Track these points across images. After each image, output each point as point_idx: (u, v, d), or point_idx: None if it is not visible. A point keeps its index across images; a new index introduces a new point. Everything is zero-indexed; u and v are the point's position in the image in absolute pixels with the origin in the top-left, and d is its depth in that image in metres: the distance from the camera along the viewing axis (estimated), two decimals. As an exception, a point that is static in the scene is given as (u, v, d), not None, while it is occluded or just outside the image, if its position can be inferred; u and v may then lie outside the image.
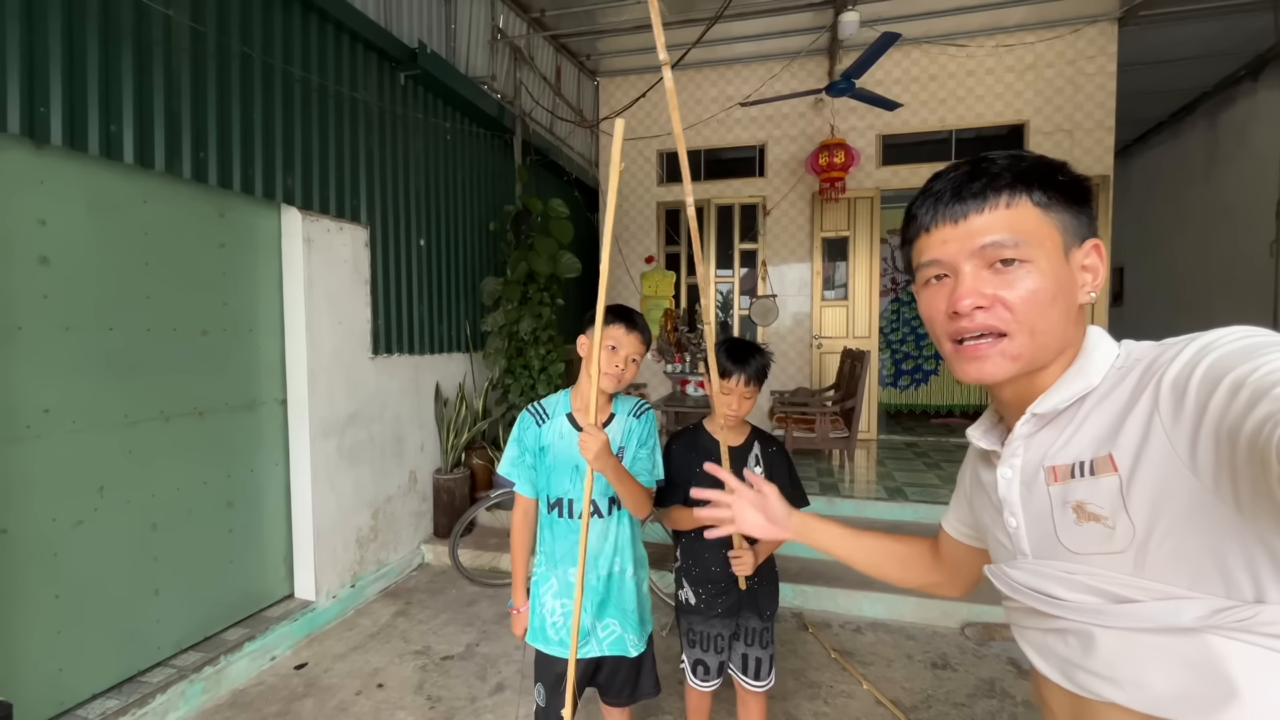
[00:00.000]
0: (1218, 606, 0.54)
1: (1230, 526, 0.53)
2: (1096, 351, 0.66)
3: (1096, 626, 0.62)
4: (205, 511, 2.70)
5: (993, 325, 0.66)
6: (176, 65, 2.45)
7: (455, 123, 4.37)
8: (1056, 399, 0.66)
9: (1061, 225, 0.66)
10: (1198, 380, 0.54)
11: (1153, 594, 0.57)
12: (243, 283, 2.88)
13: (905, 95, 5.67)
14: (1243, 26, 5.08)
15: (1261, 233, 4.87)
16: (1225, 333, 0.56)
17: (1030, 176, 0.65)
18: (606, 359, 1.51)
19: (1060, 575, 0.65)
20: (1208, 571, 0.55)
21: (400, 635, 3.07)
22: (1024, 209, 0.65)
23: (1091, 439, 0.63)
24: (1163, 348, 0.61)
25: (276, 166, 2.91)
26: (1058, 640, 0.67)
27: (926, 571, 0.96)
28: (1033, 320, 0.65)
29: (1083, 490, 0.62)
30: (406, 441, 3.87)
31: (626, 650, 1.61)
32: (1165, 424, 0.56)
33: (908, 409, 7.33)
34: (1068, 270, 0.66)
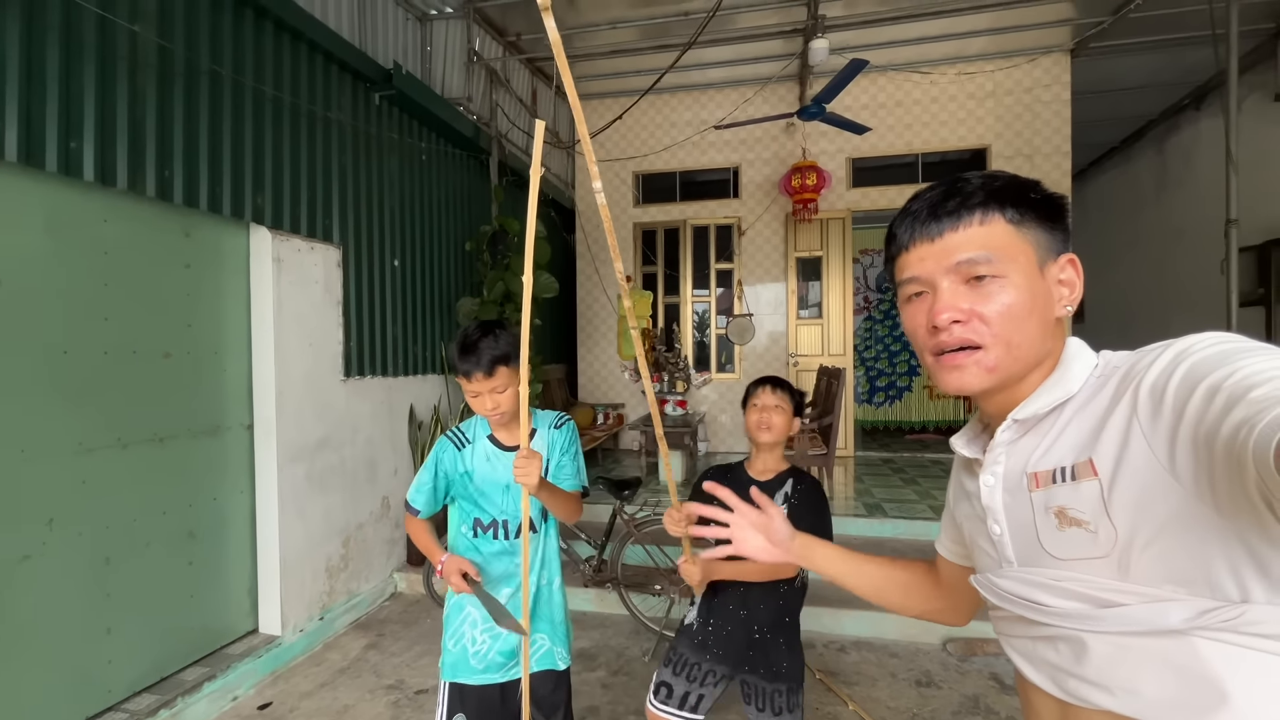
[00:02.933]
0: (1204, 608, 0.54)
1: (1212, 528, 0.53)
2: (1076, 361, 0.67)
3: (1087, 633, 0.62)
4: (164, 543, 2.57)
5: (969, 339, 0.67)
6: (142, 81, 2.39)
7: (431, 143, 4.36)
8: (1036, 405, 0.67)
9: (1035, 241, 0.68)
10: (1175, 385, 0.55)
11: (1139, 597, 0.58)
12: (209, 303, 2.79)
13: (873, 120, 5.85)
14: (1185, 58, 5.38)
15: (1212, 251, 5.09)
16: (1201, 339, 0.57)
17: (1003, 195, 0.68)
18: (477, 406, 1.50)
19: (1046, 582, 0.65)
20: (1192, 573, 0.55)
21: (372, 669, 2.95)
22: (997, 226, 0.67)
23: (1072, 445, 0.64)
24: (1140, 355, 0.62)
25: (246, 185, 2.84)
26: (1048, 648, 0.67)
27: (928, 599, 0.94)
28: (1008, 333, 0.66)
29: (1064, 495, 0.63)
30: (379, 466, 3.77)
31: (555, 664, 1.60)
32: (1144, 428, 0.57)
33: (883, 425, 7.42)
34: (1043, 284, 0.67)
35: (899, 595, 0.95)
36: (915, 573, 0.96)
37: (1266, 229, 5.19)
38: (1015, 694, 2.63)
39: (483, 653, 1.54)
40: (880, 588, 0.96)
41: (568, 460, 1.60)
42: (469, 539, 1.58)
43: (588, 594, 3.50)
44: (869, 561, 0.97)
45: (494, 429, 1.58)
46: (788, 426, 1.66)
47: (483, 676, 1.54)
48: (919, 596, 0.95)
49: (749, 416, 1.69)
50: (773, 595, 1.64)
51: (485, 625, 1.54)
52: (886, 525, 3.99)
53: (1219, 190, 4.24)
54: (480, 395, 1.48)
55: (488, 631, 1.54)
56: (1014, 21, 5.09)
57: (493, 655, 1.54)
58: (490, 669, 1.54)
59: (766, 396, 1.67)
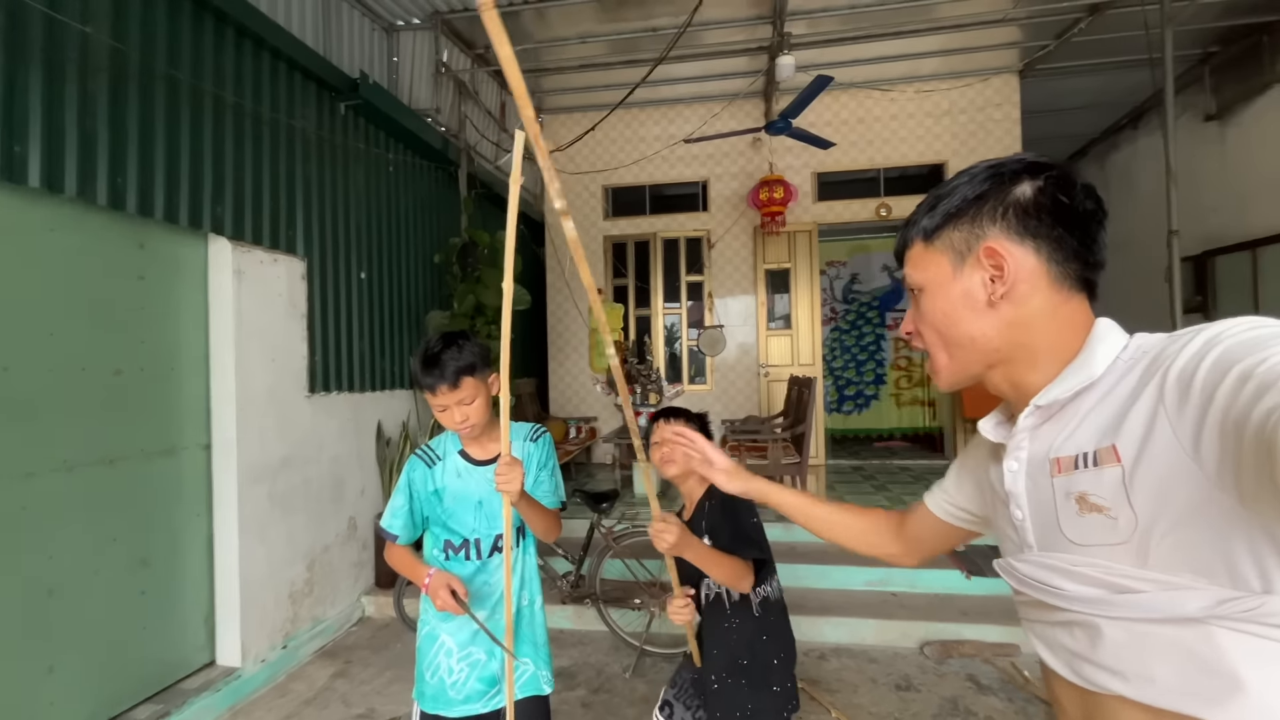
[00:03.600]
0: (1222, 597, 0.54)
1: (1234, 517, 0.53)
2: (1102, 344, 0.66)
3: (1102, 618, 0.62)
4: (114, 572, 2.41)
5: (918, 346, 0.78)
6: (93, 85, 2.28)
7: (398, 154, 4.28)
8: (1058, 391, 0.67)
9: (950, 245, 0.71)
10: (1205, 371, 0.54)
11: (1157, 585, 0.57)
12: (164, 318, 2.66)
13: (836, 136, 6.00)
14: (1124, 80, 5.71)
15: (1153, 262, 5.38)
16: (1233, 324, 0.56)
17: (917, 218, 0.75)
18: (446, 419, 1.44)
19: (1065, 567, 0.65)
20: (1212, 562, 0.55)
21: (340, 699, 2.81)
22: (917, 249, 0.76)
23: (1095, 430, 0.63)
24: (1170, 339, 0.61)
25: (204, 194, 2.73)
26: (1064, 633, 0.67)
27: (884, 544, 1.02)
28: (939, 338, 0.73)
29: (1085, 481, 0.63)
30: (346, 485, 3.63)
31: (540, 688, 1.52)
32: (1170, 415, 0.56)
33: (852, 434, 7.54)
34: (963, 283, 0.70)
35: (849, 537, 1.05)
36: (872, 521, 1.04)
37: (1202, 240, 5.52)
38: (992, 694, 2.69)
39: (461, 682, 1.46)
40: (831, 526, 1.05)
41: (545, 475, 1.55)
42: (441, 562, 1.51)
43: (566, 611, 3.42)
44: (820, 505, 1.08)
45: (465, 444, 1.52)
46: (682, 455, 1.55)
47: (463, 708, 1.46)
48: (872, 541, 1.03)
49: (652, 454, 1.56)
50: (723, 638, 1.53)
51: (462, 654, 1.47)
52: (860, 531, 4.02)
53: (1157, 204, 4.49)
54: (448, 409, 1.42)
55: (465, 660, 1.47)
56: (965, 43, 5.33)
57: (472, 684, 1.47)
58: (471, 698, 1.47)
59: (664, 430, 1.53)
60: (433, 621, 1.51)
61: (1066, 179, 0.68)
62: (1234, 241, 5.29)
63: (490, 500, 1.50)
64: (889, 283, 7.46)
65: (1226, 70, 5.37)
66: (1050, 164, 0.69)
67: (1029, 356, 0.70)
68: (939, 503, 0.95)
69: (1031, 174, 0.68)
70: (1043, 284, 0.68)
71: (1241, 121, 5.23)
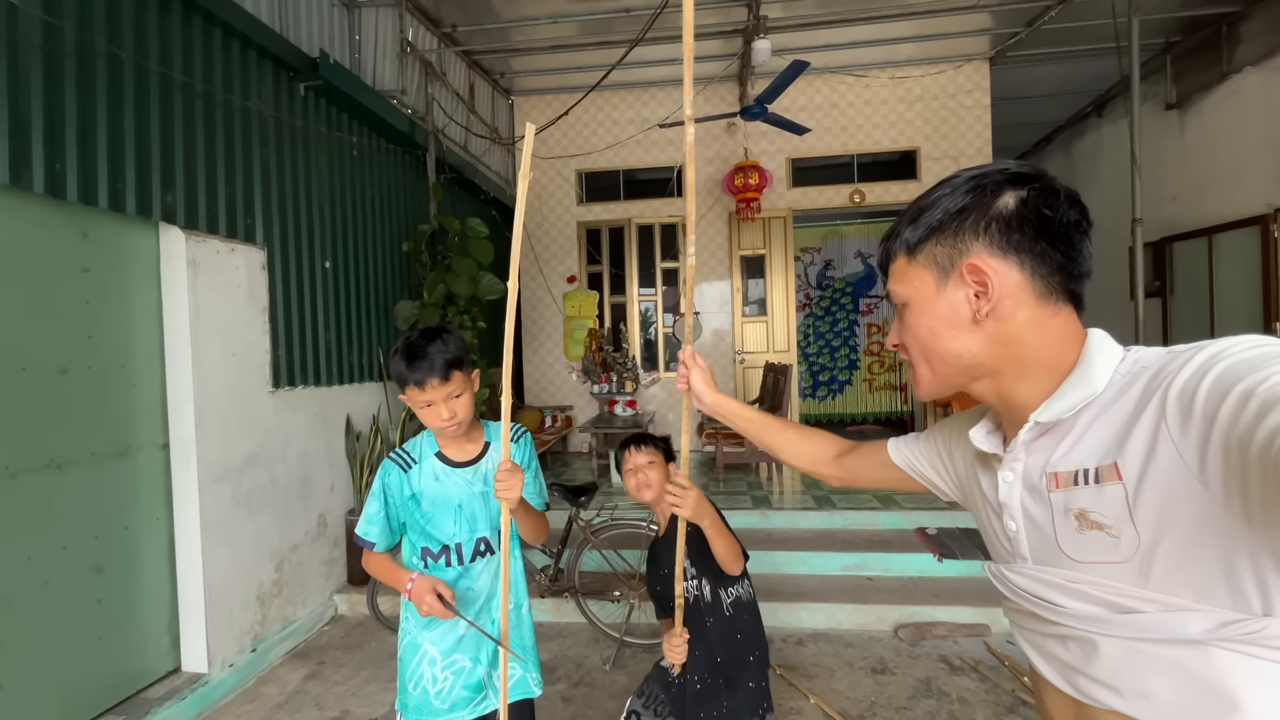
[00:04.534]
0: (1224, 620, 0.54)
1: (1240, 538, 0.53)
2: (1099, 357, 0.65)
3: (1099, 635, 0.62)
4: (65, 581, 2.29)
5: (904, 358, 0.79)
6: (26, 63, 2.11)
7: (362, 138, 4.12)
8: (1060, 407, 0.65)
9: (933, 260, 0.70)
10: (1206, 390, 0.53)
11: (1158, 605, 0.57)
12: (112, 312, 2.52)
13: (811, 121, 5.99)
14: (1089, 69, 5.80)
15: (1114, 248, 5.53)
16: (1234, 342, 0.55)
17: (899, 231, 0.74)
18: (430, 416, 1.38)
19: (1062, 583, 0.65)
20: (1215, 584, 0.54)
21: (313, 701, 2.75)
22: (900, 263, 0.74)
23: (1095, 447, 0.62)
24: (1170, 356, 0.60)
25: (153, 181, 2.58)
26: (1058, 645, 0.67)
27: (822, 464, 1.10)
28: (922, 353, 0.73)
29: (1086, 498, 0.62)
30: (314, 482, 3.52)
31: (530, 690, 1.52)
32: (1173, 434, 0.55)
33: (826, 419, 7.64)
34: (947, 299, 0.69)
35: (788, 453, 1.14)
36: (813, 441, 1.12)
37: (1161, 227, 5.68)
38: (964, 675, 2.75)
39: (446, 691, 1.43)
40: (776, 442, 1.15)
41: (530, 477, 1.50)
42: (420, 569, 1.46)
43: (544, 604, 3.40)
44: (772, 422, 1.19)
45: (444, 445, 1.47)
46: (664, 477, 1.62)
47: (449, 716, 1.43)
48: (807, 459, 1.12)
49: (626, 481, 1.68)
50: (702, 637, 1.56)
51: (446, 662, 1.43)
52: (835, 517, 4.08)
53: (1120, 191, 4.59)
54: (434, 405, 1.36)
55: (449, 668, 1.43)
56: (938, 29, 5.34)
57: (458, 692, 1.43)
58: (457, 706, 1.43)
59: (636, 457, 1.66)
60: (414, 630, 1.46)
61: (1050, 189, 0.66)
62: (1191, 228, 5.46)
63: (470, 503, 1.45)
64: (862, 269, 7.53)
65: (1187, 60, 5.50)
66: (1033, 174, 0.67)
67: (1018, 369, 0.68)
68: (902, 453, 0.98)
69: (1014, 185, 0.66)
70: (1027, 299, 0.66)
71: (1201, 110, 5.37)
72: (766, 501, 4.39)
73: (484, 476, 1.47)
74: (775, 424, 1.18)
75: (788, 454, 1.14)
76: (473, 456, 1.48)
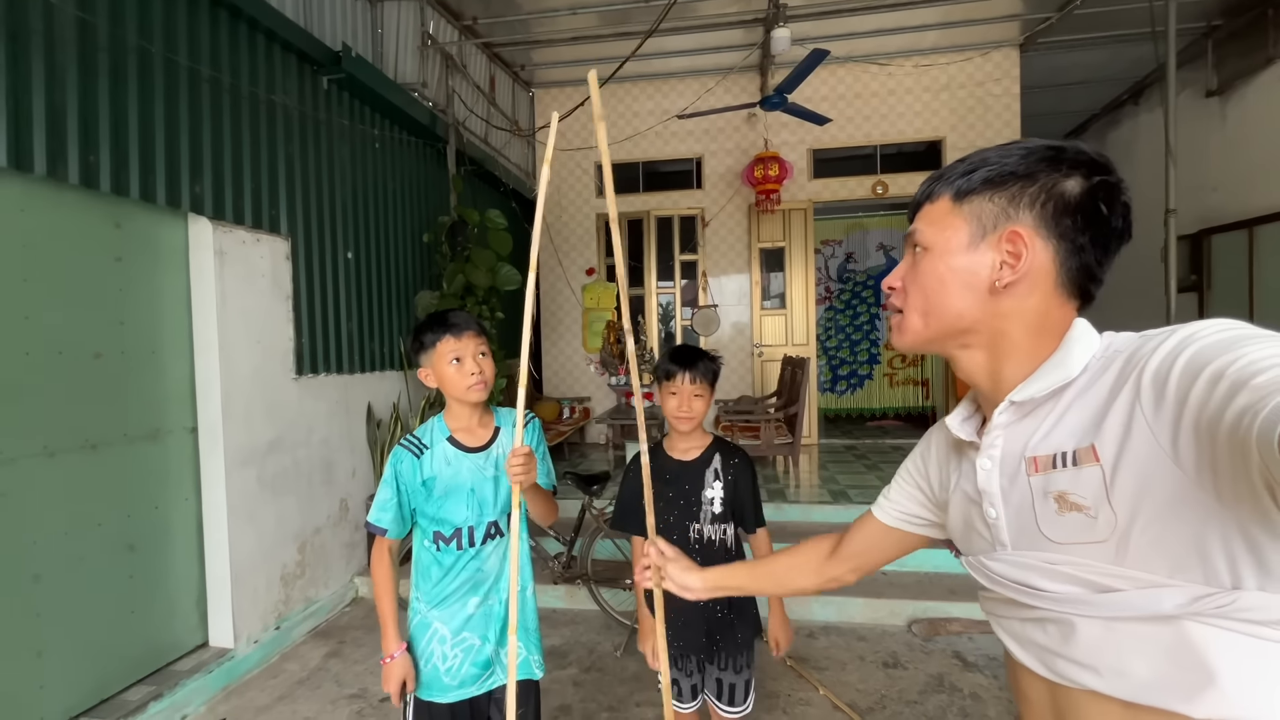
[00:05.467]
0: (1197, 594, 0.55)
1: (1211, 515, 0.54)
2: (1078, 344, 0.66)
3: (1076, 616, 0.63)
4: (100, 557, 2.40)
5: (894, 304, 0.75)
6: (61, 58, 2.19)
7: (384, 130, 4.18)
8: (1035, 388, 0.66)
9: (976, 214, 0.68)
10: (1178, 372, 0.54)
11: (1134, 583, 0.58)
12: (144, 299, 2.61)
13: (833, 111, 5.90)
14: (1125, 54, 5.60)
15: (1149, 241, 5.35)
16: (1206, 325, 0.56)
17: (950, 175, 0.71)
18: (457, 374, 1.43)
19: (1041, 566, 0.65)
20: (1188, 559, 0.56)
21: (333, 679, 2.83)
22: (941, 204, 0.71)
23: (1073, 430, 0.63)
24: (1144, 339, 0.61)
25: (182, 172, 2.66)
26: (1037, 629, 0.68)
27: (828, 568, 1.00)
28: (920, 302, 0.71)
29: (1064, 480, 0.63)
30: (336, 467, 3.62)
31: (532, 672, 1.54)
32: (1147, 415, 0.57)
33: (845, 413, 7.57)
34: (971, 257, 0.68)
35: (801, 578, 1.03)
36: (810, 553, 1.02)
37: (1200, 219, 5.48)
38: (977, 671, 2.72)
39: (455, 668, 1.47)
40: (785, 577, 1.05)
41: (538, 460, 1.54)
42: (432, 554, 1.49)
43: (557, 591, 3.45)
44: (764, 563, 1.10)
45: (455, 429, 1.50)
46: (706, 409, 1.62)
47: (458, 693, 1.47)
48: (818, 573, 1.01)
49: (666, 403, 1.61)
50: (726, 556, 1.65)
51: (455, 640, 1.47)
52: (851, 511, 4.05)
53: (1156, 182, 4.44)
54: (464, 360, 1.42)
55: (459, 645, 1.47)
56: (965, 15, 5.21)
57: (466, 669, 1.47)
58: (465, 683, 1.47)
59: (686, 385, 1.59)
60: (423, 610, 1.50)
61: (1116, 190, 0.66)
62: (1231, 220, 5.25)
63: (481, 487, 1.48)
64: (884, 262, 7.41)
65: (1230, 44, 5.27)
66: (1108, 167, 0.66)
67: (1008, 348, 0.69)
68: (889, 513, 0.93)
69: (1087, 171, 0.65)
70: (1046, 285, 0.67)
71: (1244, 97, 5.15)
72: (782, 495, 4.38)
73: (495, 461, 1.50)
74: (764, 563, 1.10)
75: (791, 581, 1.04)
76: (484, 442, 1.51)
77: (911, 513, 0.91)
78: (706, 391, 1.60)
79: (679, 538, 1.61)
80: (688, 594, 1.07)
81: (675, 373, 1.59)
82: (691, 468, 1.64)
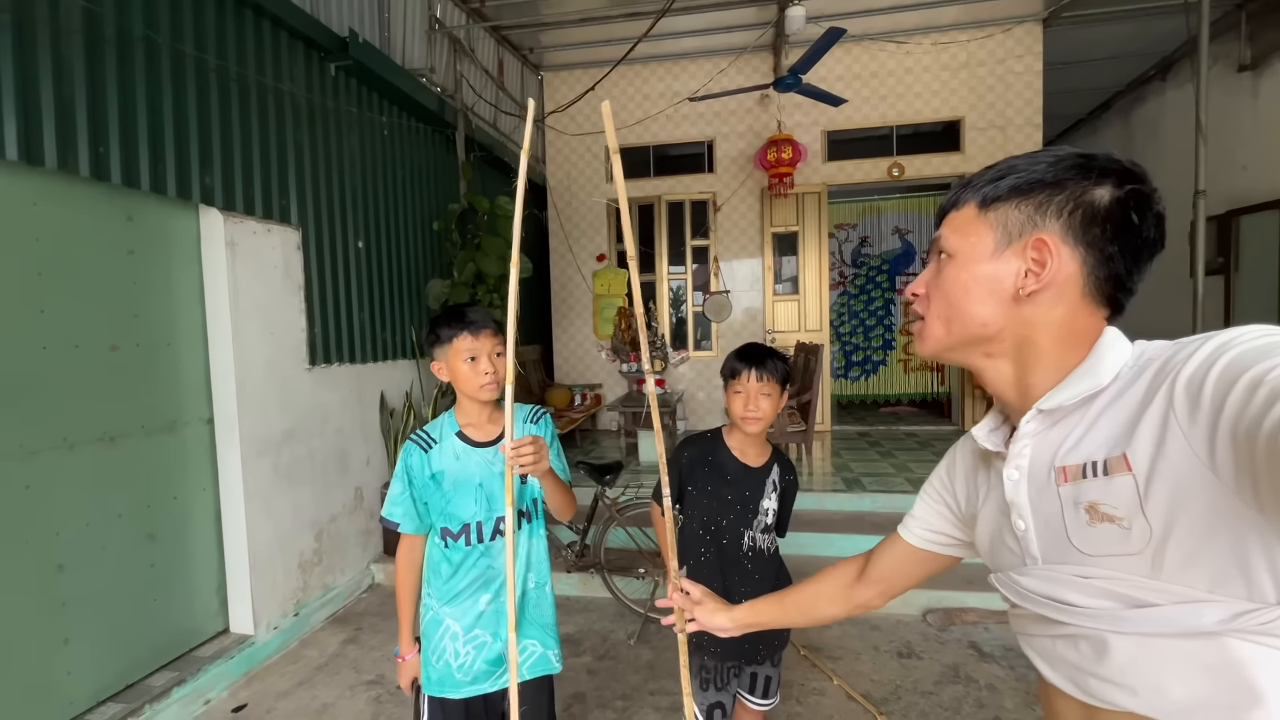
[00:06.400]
0: (1239, 610, 0.53)
1: (1253, 526, 0.52)
2: (1110, 351, 0.64)
3: (1110, 632, 0.60)
4: (121, 547, 2.44)
5: (917, 311, 0.75)
6: (68, 50, 2.18)
7: (392, 117, 4.14)
8: (1063, 396, 0.65)
9: (1002, 222, 0.67)
10: (1214, 379, 0.53)
11: (1171, 597, 0.56)
12: (157, 292, 2.62)
13: (848, 92, 5.77)
14: (1154, 29, 5.40)
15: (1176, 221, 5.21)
16: (1242, 331, 0.55)
17: (978, 183, 0.70)
18: (471, 372, 1.43)
19: (1074, 580, 0.63)
20: (1229, 573, 0.53)
21: (351, 665, 2.88)
22: (965, 212, 0.71)
23: (1104, 439, 0.61)
24: (1177, 347, 0.60)
25: (192, 163, 2.65)
26: (1068, 647, 0.66)
27: (856, 594, 1.00)
28: (943, 309, 0.71)
29: (1095, 491, 0.61)
30: (350, 456, 3.64)
31: (551, 666, 1.54)
32: (1182, 424, 0.55)
33: (859, 399, 7.50)
34: (995, 265, 0.67)
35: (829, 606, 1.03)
36: (837, 581, 1.01)
37: (1230, 199, 5.31)
38: (993, 662, 2.71)
39: (468, 665, 1.47)
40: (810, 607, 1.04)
41: (552, 455, 1.52)
42: (442, 550, 1.49)
43: (571, 579, 3.47)
44: (790, 593, 1.08)
45: (465, 424, 1.49)
46: (775, 410, 1.56)
47: (471, 689, 1.47)
48: (845, 600, 1.00)
49: (733, 401, 1.54)
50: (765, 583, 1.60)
51: (467, 637, 1.47)
52: (865, 499, 4.03)
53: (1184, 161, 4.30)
54: (478, 358, 1.42)
55: (470, 642, 1.47)
56: (988, -11, 5.04)
57: (479, 665, 1.47)
58: (478, 679, 1.48)
59: (753, 384, 1.51)
60: (436, 606, 1.50)
61: (1147, 199, 0.64)
62: (1261, 200, 5.09)
63: (490, 482, 1.48)
64: (899, 245, 7.29)
65: (1264, 16, 5.05)
66: (1141, 176, 0.64)
67: (1034, 357, 0.67)
68: (915, 533, 0.91)
69: (1118, 180, 0.63)
70: (1073, 295, 0.65)
71: (1277, 72, 4.95)
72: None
73: (504, 457, 1.49)
74: (791, 594, 1.08)
75: (819, 611, 1.03)
76: (494, 437, 1.50)
77: (940, 530, 0.89)
78: (775, 391, 1.53)
79: (731, 541, 1.59)
80: (719, 633, 1.07)
81: (741, 371, 1.53)
82: (755, 474, 1.60)
